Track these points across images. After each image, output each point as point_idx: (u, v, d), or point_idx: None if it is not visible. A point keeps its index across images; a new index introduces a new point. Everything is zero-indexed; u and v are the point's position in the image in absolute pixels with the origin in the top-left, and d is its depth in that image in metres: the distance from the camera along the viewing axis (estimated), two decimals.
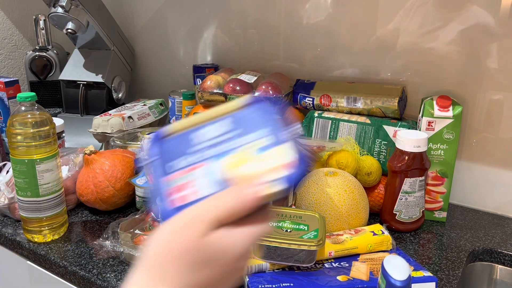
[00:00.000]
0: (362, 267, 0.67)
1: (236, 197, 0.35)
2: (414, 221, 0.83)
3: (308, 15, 1.08)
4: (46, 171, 0.75)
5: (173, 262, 0.35)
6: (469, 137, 0.94)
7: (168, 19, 1.34)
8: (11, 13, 1.48)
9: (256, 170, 0.36)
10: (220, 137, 0.38)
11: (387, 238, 0.72)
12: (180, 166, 0.37)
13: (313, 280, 0.63)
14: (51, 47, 1.44)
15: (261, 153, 0.36)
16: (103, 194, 0.84)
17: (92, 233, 0.82)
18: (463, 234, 0.84)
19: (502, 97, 0.89)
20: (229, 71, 1.13)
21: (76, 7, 1.12)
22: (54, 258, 0.74)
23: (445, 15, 0.91)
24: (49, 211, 0.77)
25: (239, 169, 0.36)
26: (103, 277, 0.69)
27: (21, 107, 0.74)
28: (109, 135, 1.04)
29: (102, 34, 1.23)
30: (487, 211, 0.94)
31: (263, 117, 0.38)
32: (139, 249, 0.69)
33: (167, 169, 0.38)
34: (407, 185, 0.80)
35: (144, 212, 0.78)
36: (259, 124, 0.37)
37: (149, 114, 1.16)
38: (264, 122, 0.37)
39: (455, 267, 0.73)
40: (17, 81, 1.16)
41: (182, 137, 0.39)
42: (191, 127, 0.39)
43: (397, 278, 0.48)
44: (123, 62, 1.36)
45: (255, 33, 1.18)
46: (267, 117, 0.37)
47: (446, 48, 0.92)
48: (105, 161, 0.85)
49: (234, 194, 0.35)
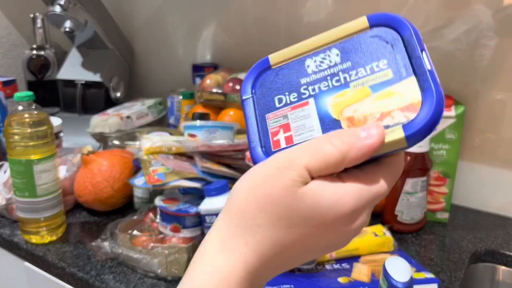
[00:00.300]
0: (363, 269, 0.67)
1: (342, 144, 0.28)
2: (416, 222, 0.82)
3: (308, 13, 1.07)
4: (44, 172, 0.74)
5: (258, 212, 0.29)
6: (472, 137, 0.93)
7: (167, 18, 1.33)
8: (9, 11, 1.47)
9: (369, 112, 0.29)
10: (330, 69, 0.32)
11: (388, 239, 0.71)
12: (283, 103, 0.32)
13: (314, 281, 0.63)
14: (49, 46, 1.43)
15: (378, 91, 0.29)
16: (101, 195, 0.83)
17: (90, 234, 0.81)
18: (465, 235, 0.83)
19: (504, 97, 0.88)
20: (228, 70, 1.13)
21: (74, 6, 1.11)
22: (52, 259, 0.73)
23: (447, 14, 0.90)
24: (47, 211, 0.77)
25: (348, 110, 0.30)
26: (101, 278, 0.68)
27: (19, 107, 0.73)
28: (108, 135, 1.03)
29: (100, 33, 1.23)
30: (490, 211, 0.93)
31: (382, 46, 0.30)
32: (137, 250, 0.68)
33: (271, 104, 0.33)
34: (409, 186, 0.79)
35: (142, 213, 0.78)
36: (377, 55, 0.30)
37: (147, 113, 1.15)
38: (384, 53, 0.30)
39: (457, 268, 0.72)
40: (14, 81, 1.15)
41: (290, 67, 0.33)
42: (298, 56, 0.34)
43: (399, 280, 0.47)
44: (122, 61, 1.35)
45: (255, 32, 1.17)
46: (387, 46, 0.30)
47: (448, 47, 0.92)
48: (103, 162, 0.84)
49: (340, 140, 0.28)
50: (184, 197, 0.75)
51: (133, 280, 0.68)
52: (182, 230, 0.69)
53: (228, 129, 0.85)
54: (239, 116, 1.01)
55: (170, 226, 0.70)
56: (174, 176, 0.71)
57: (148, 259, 0.67)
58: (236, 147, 0.76)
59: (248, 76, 0.34)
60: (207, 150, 0.76)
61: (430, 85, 0.28)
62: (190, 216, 0.69)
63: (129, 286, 0.66)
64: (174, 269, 0.67)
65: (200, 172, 0.75)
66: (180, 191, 0.75)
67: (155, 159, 0.76)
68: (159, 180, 0.70)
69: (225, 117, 1.02)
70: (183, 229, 0.69)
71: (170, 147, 0.80)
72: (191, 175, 0.73)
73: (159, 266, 0.66)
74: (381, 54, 0.30)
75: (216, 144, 0.76)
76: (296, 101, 0.32)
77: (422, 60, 0.29)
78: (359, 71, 0.30)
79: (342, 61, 0.31)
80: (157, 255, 0.66)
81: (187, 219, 0.69)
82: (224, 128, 0.85)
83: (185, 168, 0.75)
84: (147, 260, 0.67)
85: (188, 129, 0.85)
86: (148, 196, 0.86)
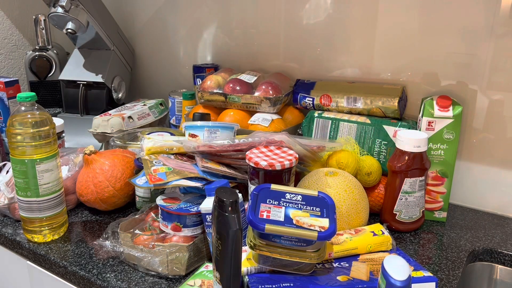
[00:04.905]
0: (362, 267, 0.67)
1: None
2: (414, 221, 0.83)
3: (308, 15, 1.08)
4: (46, 171, 0.75)
5: None
6: (469, 137, 0.94)
7: (168, 19, 1.34)
8: (11, 13, 1.48)
9: (306, 221, 0.62)
10: (297, 201, 0.66)
11: (387, 238, 0.72)
12: (272, 203, 0.65)
13: (313, 280, 0.63)
14: (51, 47, 1.44)
15: (312, 216, 0.64)
16: (103, 194, 0.84)
17: (92, 233, 0.82)
18: (463, 234, 0.84)
19: (502, 97, 0.89)
20: (229, 71, 1.13)
21: (76, 7, 1.12)
22: (54, 258, 0.74)
23: (445, 15, 0.91)
24: (49, 211, 0.77)
25: (299, 217, 0.63)
26: (103, 277, 0.69)
27: (21, 107, 0.74)
28: (109, 135, 1.04)
29: (102, 34, 1.23)
30: (487, 211, 0.94)
31: (322, 203, 0.67)
32: (138, 249, 0.69)
33: (265, 201, 0.65)
34: (407, 185, 0.80)
35: (144, 212, 0.78)
36: (318, 204, 0.66)
37: (149, 114, 1.16)
38: (322, 205, 0.66)
39: (455, 267, 0.73)
40: (17, 81, 1.16)
41: (279, 192, 0.68)
42: (284, 190, 0.68)
43: (397, 278, 0.47)
44: (123, 62, 1.36)
45: (255, 33, 1.18)
46: (324, 204, 0.67)
47: (446, 48, 0.92)
48: (105, 161, 0.85)
49: None
50: (185, 196, 0.75)
51: (135, 278, 0.68)
52: (183, 229, 0.70)
53: (228, 129, 0.86)
54: (239, 117, 1.02)
55: (171, 225, 0.70)
56: (175, 175, 0.72)
57: (149, 257, 0.68)
58: (236, 147, 0.77)
59: (262, 187, 0.68)
60: (208, 150, 0.77)
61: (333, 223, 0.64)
62: (191, 215, 0.69)
63: (131, 284, 0.67)
64: (175, 267, 0.67)
65: (201, 171, 0.75)
66: (181, 191, 0.76)
67: (156, 159, 0.77)
68: (160, 180, 0.71)
69: (226, 118, 1.03)
70: (184, 228, 0.70)
71: (171, 147, 0.81)
72: (192, 174, 0.73)
73: (160, 265, 0.67)
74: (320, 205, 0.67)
75: (217, 144, 0.77)
76: (279, 204, 0.65)
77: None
78: (309, 207, 0.66)
79: (304, 201, 0.67)
80: (158, 254, 0.67)
81: (188, 218, 0.69)
82: (224, 128, 0.86)
83: (186, 167, 0.76)
84: (149, 258, 0.68)
85: (189, 129, 0.86)
86: (149, 195, 0.87)
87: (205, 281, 0.64)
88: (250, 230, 0.65)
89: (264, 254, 0.62)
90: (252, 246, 0.62)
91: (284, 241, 0.62)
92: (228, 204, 0.54)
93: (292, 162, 0.72)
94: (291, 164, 0.72)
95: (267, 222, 0.61)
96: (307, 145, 0.81)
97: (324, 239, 0.60)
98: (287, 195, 0.67)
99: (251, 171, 0.73)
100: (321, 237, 0.60)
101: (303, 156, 0.81)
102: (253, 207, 0.64)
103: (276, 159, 0.72)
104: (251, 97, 1.00)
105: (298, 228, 0.61)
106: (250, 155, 0.73)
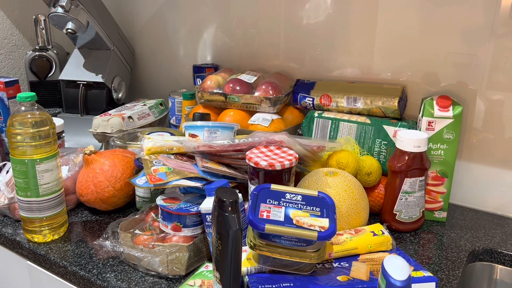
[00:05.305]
0: (362, 267, 0.67)
1: None
2: (414, 221, 0.83)
3: (308, 15, 1.08)
4: (46, 171, 0.75)
5: None
6: (469, 137, 0.94)
7: (168, 19, 1.34)
8: (11, 13, 1.48)
9: (306, 221, 0.63)
10: (297, 201, 0.67)
11: (387, 238, 0.72)
12: (272, 203, 0.65)
13: (313, 280, 0.63)
14: (51, 47, 1.44)
15: (312, 216, 0.64)
16: (103, 194, 0.84)
17: (92, 233, 0.82)
18: (463, 234, 0.84)
19: (502, 97, 0.89)
20: (229, 71, 1.13)
21: (76, 7, 1.12)
22: (54, 258, 0.74)
23: (445, 15, 0.91)
24: (49, 211, 0.77)
25: (299, 217, 0.63)
26: (103, 277, 0.69)
27: (21, 107, 0.74)
28: (109, 135, 1.04)
29: (102, 34, 1.23)
30: (487, 211, 0.94)
31: (322, 203, 0.67)
32: (138, 249, 0.69)
33: (265, 201, 0.66)
34: (407, 185, 0.80)
35: (144, 212, 0.78)
36: (318, 204, 0.67)
37: (149, 114, 1.16)
38: (322, 205, 0.67)
39: (455, 267, 0.73)
40: (17, 81, 1.16)
41: (279, 192, 0.68)
42: (284, 190, 0.69)
43: (397, 278, 0.47)
44: (123, 62, 1.36)
45: (255, 33, 1.18)
46: (324, 204, 0.67)
47: (446, 48, 0.92)
48: (105, 161, 0.85)
49: None
50: (185, 196, 0.75)
51: (135, 278, 0.68)
52: (183, 229, 0.70)
53: (228, 129, 0.86)
54: (239, 117, 1.02)
55: (171, 225, 0.70)
56: (175, 175, 0.72)
57: (149, 257, 0.68)
58: (236, 147, 0.77)
59: (262, 187, 0.68)
60: (208, 150, 0.77)
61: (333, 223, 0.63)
62: (190, 215, 0.69)
63: (131, 284, 0.67)
64: (175, 267, 0.67)
65: (201, 171, 0.75)
66: (181, 191, 0.76)
67: (156, 159, 0.77)
68: (160, 180, 0.71)
69: (226, 118, 1.03)
70: (184, 228, 0.70)
71: (171, 147, 0.81)
72: (192, 174, 0.73)
73: (160, 265, 0.67)
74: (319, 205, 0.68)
75: (217, 144, 0.77)
76: (279, 204, 0.66)
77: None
78: (310, 207, 0.66)
79: (304, 200, 0.68)
80: (158, 253, 0.67)
81: (188, 218, 0.70)
82: (224, 128, 0.86)
83: (186, 167, 0.76)
84: (149, 258, 0.68)
85: (189, 129, 0.86)
86: (149, 195, 0.87)
87: (205, 281, 0.64)
88: (250, 230, 0.65)
89: (264, 254, 0.62)
90: (252, 246, 0.62)
91: (284, 241, 0.62)
92: (228, 204, 0.54)
93: (292, 162, 0.72)
94: (291, 164, 0.72)
95: (267, 222, 0.61)
96: (307, 145, 0.81)
97: (324, 239, 0.60)
98: (287, 195, 0.67)
99: (251, 171, 0.73)
100: (321, 237, 0.60)
101: (303, 156, 0.82)
102: (253, 207, 0.64)
103: (276, 159, 0.72)
104: (251, 97, 1.00)
105: (298, 228, 0.61)
106: (250, 155, 0.73)
